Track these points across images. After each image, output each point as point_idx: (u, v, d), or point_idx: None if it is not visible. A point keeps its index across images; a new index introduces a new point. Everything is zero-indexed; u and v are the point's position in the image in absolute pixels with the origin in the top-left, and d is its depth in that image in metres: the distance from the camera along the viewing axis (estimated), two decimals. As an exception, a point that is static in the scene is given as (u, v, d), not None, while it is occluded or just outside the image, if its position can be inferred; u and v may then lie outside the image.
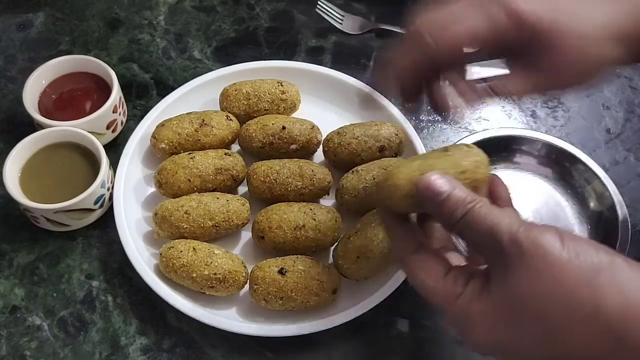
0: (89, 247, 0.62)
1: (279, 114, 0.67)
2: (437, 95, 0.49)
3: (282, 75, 0.69)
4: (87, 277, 0.61)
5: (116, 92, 0.66)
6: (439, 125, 0.73)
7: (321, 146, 0.66)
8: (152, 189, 0.65)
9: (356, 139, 0.63)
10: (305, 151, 0.65)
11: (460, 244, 0.56)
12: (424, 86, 0.50)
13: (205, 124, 0.64)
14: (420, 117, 0.73)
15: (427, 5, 0.47)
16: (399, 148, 0.64)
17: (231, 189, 0.63)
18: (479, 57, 0.50)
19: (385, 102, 0.69)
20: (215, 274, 0.55)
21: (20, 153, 0.62)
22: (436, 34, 0.45)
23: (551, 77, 0.49)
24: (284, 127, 0.63)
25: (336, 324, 0.55)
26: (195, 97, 0.70)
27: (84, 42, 0.79)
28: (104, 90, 0.67)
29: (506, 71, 0.49)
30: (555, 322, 0.37)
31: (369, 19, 0.82)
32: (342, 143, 0.63)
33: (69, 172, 0.62)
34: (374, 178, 0.60)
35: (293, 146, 0.64)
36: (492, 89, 0.49)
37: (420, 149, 0.66)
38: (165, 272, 0.57)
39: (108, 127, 0.67)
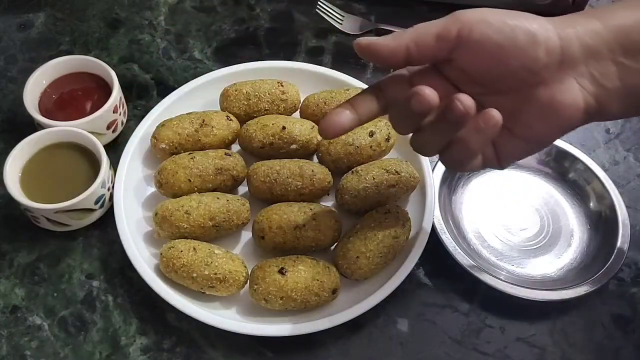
0: (89, 247, 0.62)
1: (279, 114, 0.67)
2: None
3: (282, 76, 0.69)
4: (88, 277, 0.61)
5: (117, 92, 0.66)
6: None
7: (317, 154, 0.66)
8: (152, 189, 0.65)
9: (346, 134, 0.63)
10: (305, 151, 0.65)
11: None
12: None
13: (206, 124, 0.64)
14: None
15: None
16: (389, 132, 0.64)
17: (231, 189, 0.63)
18: None
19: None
20: (215, 273, 0.55)
21: (21, 153, 0.62)
22: None
23: None
24: (284, 127, 0.63)
25: (336, 324, 0.55)
26: (195, 98, 0.70)
27: (85, 42, 0.79)
28: (105, 91, 0.67)
29: None
30: None
31: (369, 19, 0.82)
32: (332, 142, 0.64)
33: (69, 172, 0.62)
34: (373, 178, 0.60)
35: (293, 146, 0.64)
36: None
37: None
38: (166, 272, 0.57)
39: (108, 127, 0.67)
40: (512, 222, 0.65)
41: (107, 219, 0.63)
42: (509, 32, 0.42)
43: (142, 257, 0.58)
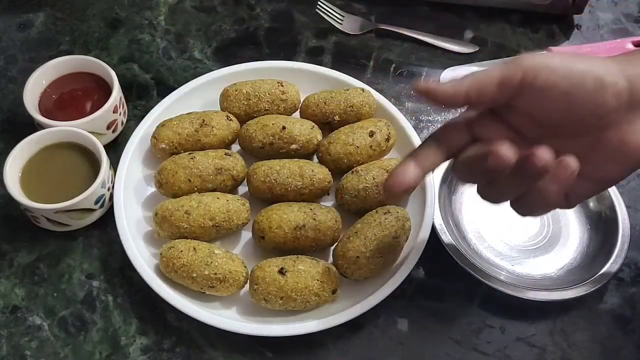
0: (89, 247, 0.62)
1: (279, 114, 0.67)
2: None
3: (282, 76, 0.69)
4: (88, 277, 0.61)
5: (117, 92, 0.66)
6: (439, 126, 0.73)
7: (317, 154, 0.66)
8: (152, 189, 0.65)
9: (345, 134, 0.64)
10: (305, 151, 0.65)
11: None
12: None
13: (206, 124, 0.64)
14: (420, 117, 0.73)
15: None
16: (389, 132, 0.64)
17: (231, 189, 0.63)
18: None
19: (383, 100, 0.69)
20: (215, 273, 0.55)
21: (21, 153, 0.62)
22: None
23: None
24: (284, 127, 0.63)
25: (336, 324, 0.55)
26: (195, 97, 0.70)
27: (85, 42, 0.79)
28: (105, 91, 0.67)
29: None
30: None
31: (369, 19, 0.82)
32: (332, 142, 0.64)
33: (69, 172, 0.62)
34: (373, 178, 0.60)
35: (293, 146, 0.64)
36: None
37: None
38: (166, 272, 0.57)
39: (108, 127, 0.67)
40: (511, 222, 0.64)
41: (107, 219, 0.63)
42: (576, 79, 0.41)
43: (142, 257, 0.58)
